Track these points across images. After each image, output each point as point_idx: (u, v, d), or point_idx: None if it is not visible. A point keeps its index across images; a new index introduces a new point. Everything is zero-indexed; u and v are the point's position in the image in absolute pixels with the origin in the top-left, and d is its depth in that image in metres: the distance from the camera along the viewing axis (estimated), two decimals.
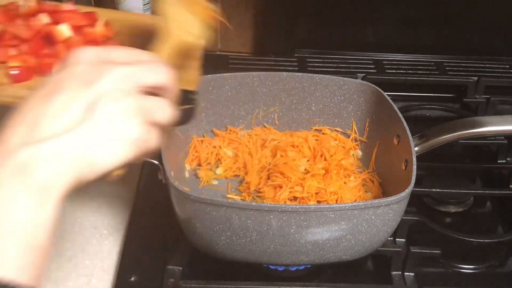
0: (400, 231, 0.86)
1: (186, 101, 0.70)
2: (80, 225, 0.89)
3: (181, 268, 0.80)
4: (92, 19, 0.83)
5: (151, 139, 0.54)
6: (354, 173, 0.93)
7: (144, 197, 0.93)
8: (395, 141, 0.88)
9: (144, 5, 1.10)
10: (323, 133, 1.00)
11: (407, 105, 1.18)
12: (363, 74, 1.19)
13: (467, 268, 0.87)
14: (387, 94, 0.93)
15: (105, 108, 0.51)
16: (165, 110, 0.56)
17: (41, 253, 0.46)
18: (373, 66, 1.25)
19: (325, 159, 0.93)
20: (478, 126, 0.88)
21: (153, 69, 0.56)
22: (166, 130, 0.58)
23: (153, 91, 0.56)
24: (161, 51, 0.67)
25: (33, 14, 0.81)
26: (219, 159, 0.96)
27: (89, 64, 0.53)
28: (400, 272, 0.83)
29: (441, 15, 1.25)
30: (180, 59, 0.69)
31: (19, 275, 0.44)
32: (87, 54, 0.54)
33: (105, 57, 0.54)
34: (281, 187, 0.88)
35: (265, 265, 0.82)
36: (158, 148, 0.57)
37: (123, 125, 0.51)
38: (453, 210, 0.96)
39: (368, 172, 0.94)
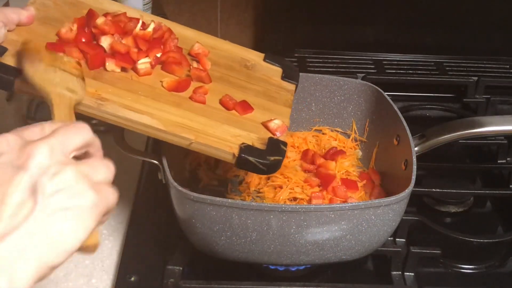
0: (400, 231, 0.86)
1: (276, 151, 0.72)
2: None
3: (181, 268, 0.80)
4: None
5: (107, 198, 0.51)
6: (355, 174, 0.93)
7: (144, 197, 0.92)
8: (395, 141, 0.88)
9: (144, 5, 1.11)
10: (323, 133, 1.00)
11: (407, 105, 1.18)
12: (363, 74, 1.19)
13: (467, 268, 0.87)
14: (387, 94, 0.93)
15: (48, 187, 0.47)
16: (104, 168, 0.53)
17: None
18: (373, 66, 1.25)
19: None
20: (478, 126, 0.88)
21: (74, 131, 0.53)
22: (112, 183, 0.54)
23: (82, 153, 0.54)
24: (60, 116, 0.65)
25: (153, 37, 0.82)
26: (219, 159, 0.96)
27: (12, 150, 0.49)
28: (400, 272, 0.83)
29: (441, 15, 1.25)
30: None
31: None
32: (5, 142, 0.50)
33: (23, 138, 0.51)
34: (281, 187, 0.88)
35: (265, 265, 0.82)
36: (115, 203, 0.53)
37: (72, 197, 0.48)
38: (453, 210, 0.96)
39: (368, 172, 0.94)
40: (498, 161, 1.06)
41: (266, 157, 0.72)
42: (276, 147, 0.74)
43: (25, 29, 0.78)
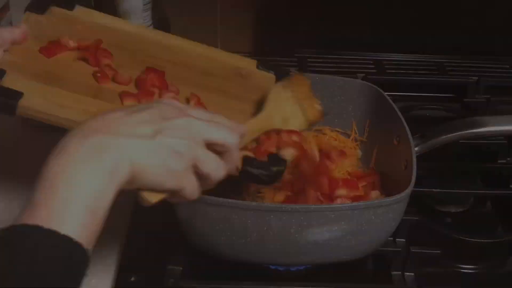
0: (400, 231, 0.86)
1: (277, 163, 0.73)
2: None
3: (181, 268, 0.80)
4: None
5: (188, 185, 0.60)
6: (357, 174, 0.93)
7: None
8: (395, 141, 0.88)
9: (144, 5, 1.11)
10: (323, 133, 0.99)
11: (407, 105, 1.18)
12: (363, 74, 1.19)
13: (467, 268, 0.87)
14: (387, 94, 0.93)
15: (165, 137, 0.58)
16: (215, 167, 0.61)
17: (98, 221, 0.54)
18: (373, 66, 1.25)
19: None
20: (478, 126, 0.88)
21: (220, 129, 0.62)
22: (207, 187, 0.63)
23: (216, 150, 0.62)
24: (249, 124, 0.74)
25: None
26: None
27: (172, 108, 0.61)
28: (400, 272, 0.83)
29: (441, 15, 1.25)
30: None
31: (78, 234, 0.51)
32: (175, 104, 0.63)
33: (187, 110, 0.62)
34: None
35: (265, 265, 0.82)
36: (191, 200, 0.62)
37: (171, 155, 0.58)
38: (453, 210, 0.96)
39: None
40: (498, 161, 1.06)
41: (269, 168, 0.72)
42: (277, 158, 0.74)
43: (20, 48, 0.77)
